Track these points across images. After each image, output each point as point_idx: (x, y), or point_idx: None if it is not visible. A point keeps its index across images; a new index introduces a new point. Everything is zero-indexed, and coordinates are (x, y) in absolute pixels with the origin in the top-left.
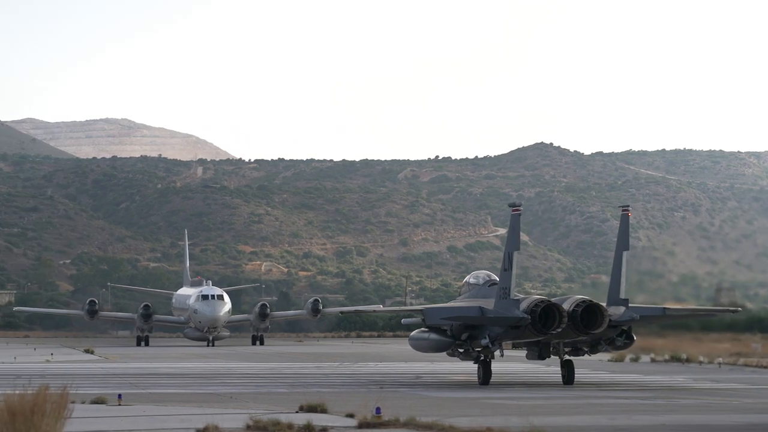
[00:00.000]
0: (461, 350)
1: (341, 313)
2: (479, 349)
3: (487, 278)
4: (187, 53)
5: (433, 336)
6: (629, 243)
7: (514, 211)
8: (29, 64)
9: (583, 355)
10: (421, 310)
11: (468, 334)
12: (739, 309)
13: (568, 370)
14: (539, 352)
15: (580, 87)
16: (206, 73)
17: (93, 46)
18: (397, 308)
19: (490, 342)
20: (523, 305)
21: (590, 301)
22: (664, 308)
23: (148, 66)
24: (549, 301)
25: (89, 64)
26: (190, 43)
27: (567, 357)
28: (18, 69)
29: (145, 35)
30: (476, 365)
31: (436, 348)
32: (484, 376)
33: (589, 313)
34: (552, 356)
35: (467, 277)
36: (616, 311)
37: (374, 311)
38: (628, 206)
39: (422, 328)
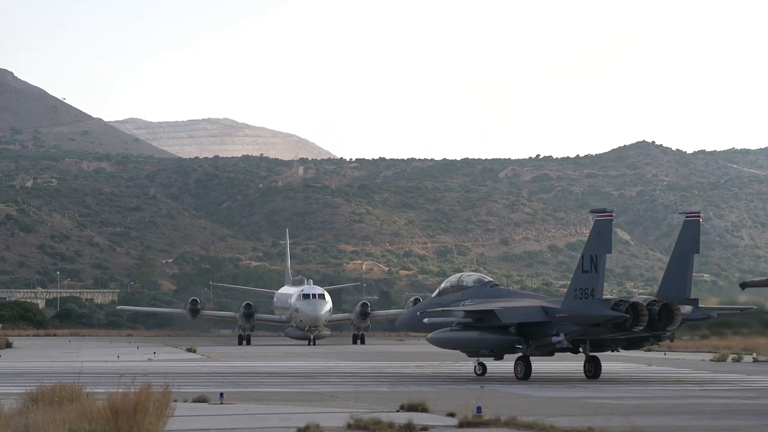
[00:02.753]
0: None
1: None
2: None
3: (483, 279)
4: (289, 53)
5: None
6: (699, 246)
7: (599, 216)
8: (132, 64)
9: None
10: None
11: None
12: None
13: (594, 365)
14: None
15: (682, 84)
16: (308, 72)
17: (195, 47)
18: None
19: (563, 339)
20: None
21: (661, 300)
22: (741, 308)
23: (250, 66)
24: (629, 300)
25: (192, 64)
26: (291, 43)
27: (591, 353)
28: (121, 70)
29: (247, 35)
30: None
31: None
32: (526, 371)
33: (666, 310)
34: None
35: (455, 278)
36: (685, 310)
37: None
38: (699, 212)
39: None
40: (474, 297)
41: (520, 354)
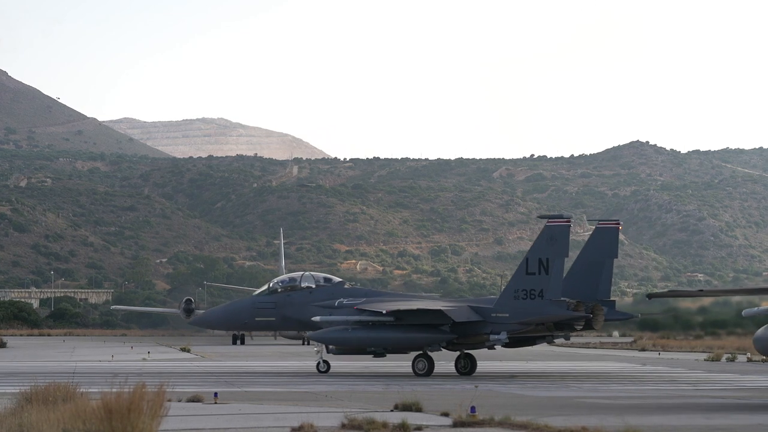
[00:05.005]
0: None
1: None
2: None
3: (332, 279)
4: (283, 53)
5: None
6: (617, 252)
7: (550, 222)
8: (127, 64)
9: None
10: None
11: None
12: None
13: (470, 362)
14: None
15: (676, 84)
16: (302, 72)
17: (190, 47)
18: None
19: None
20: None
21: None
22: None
23: (244, 66)
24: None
25: (186, 64)
26: (286, 43)
27: (466, 351)
28: (115, 69)
29: (241, 36)
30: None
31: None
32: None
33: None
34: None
35: (286, 278)
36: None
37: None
38: (618, 221)
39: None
40: (329, 297)
41: (425, 352)
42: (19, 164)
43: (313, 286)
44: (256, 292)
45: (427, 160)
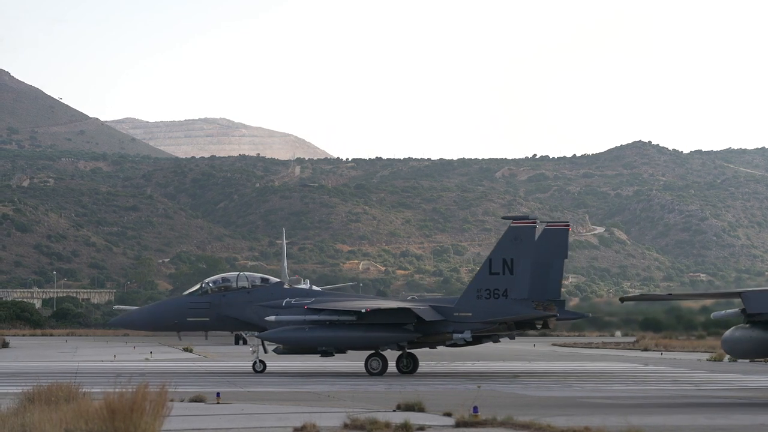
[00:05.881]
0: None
1: None
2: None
3: (270, 280)
4: (286, 53)
5: None
6: (567, 253)
7: (514, 223)
8: (129, 64)
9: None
10: None
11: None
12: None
13: (413, 361)
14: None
15: (678, 84)
16: (304, 72)
17: (192, 46)
18: None
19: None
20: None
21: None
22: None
23: (246, 66)
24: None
25: (188, 64)
26: (288, 43)
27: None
28: (118, 69)
29: (244, 35)
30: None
31: None
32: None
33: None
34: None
35: (219, 278)
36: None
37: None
38: (568, 223)
39: None
40: (270, 297)
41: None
42: (22, 164)
43: (249, 286)
44: (186, 293)
45: (429, 160)
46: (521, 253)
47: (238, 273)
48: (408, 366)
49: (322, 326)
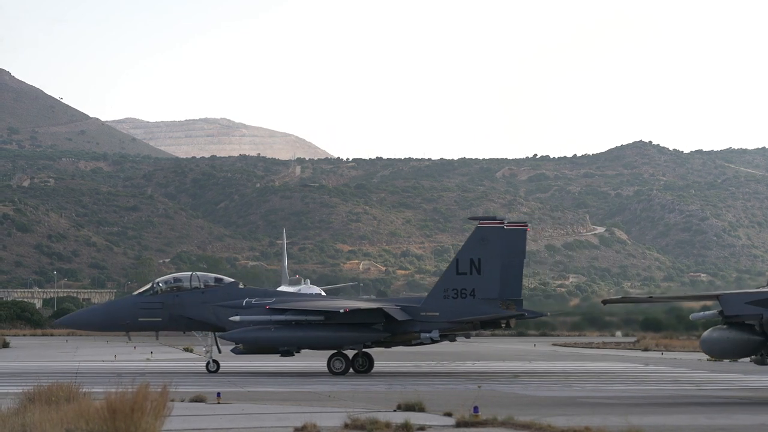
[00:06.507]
0: None
1: None
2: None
3: (225, 280)
4: (286, 53)
5: None
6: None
7: (481, 224)
8: (129, 64)
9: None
10: None
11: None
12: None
13: (368, 360)
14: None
15: (679, 84)
16: (305, 72)
17: (192, 46)
18: None
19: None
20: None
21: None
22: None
23: (247, 66)
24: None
25: (189, 64)
26: (289, 43)
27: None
28: (118, 69)
29: (244, 35)
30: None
31: None
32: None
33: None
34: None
35: (170, 278)
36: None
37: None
38: (526, 223)
39: None
40: (226, 297)
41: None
42: (22, 164)
43: (202, 286)
44: (137, 293)
45: (429, 160)
46: (488, 253)
47: (190, 273)
48: (363, 365)
49: (287, 326)
